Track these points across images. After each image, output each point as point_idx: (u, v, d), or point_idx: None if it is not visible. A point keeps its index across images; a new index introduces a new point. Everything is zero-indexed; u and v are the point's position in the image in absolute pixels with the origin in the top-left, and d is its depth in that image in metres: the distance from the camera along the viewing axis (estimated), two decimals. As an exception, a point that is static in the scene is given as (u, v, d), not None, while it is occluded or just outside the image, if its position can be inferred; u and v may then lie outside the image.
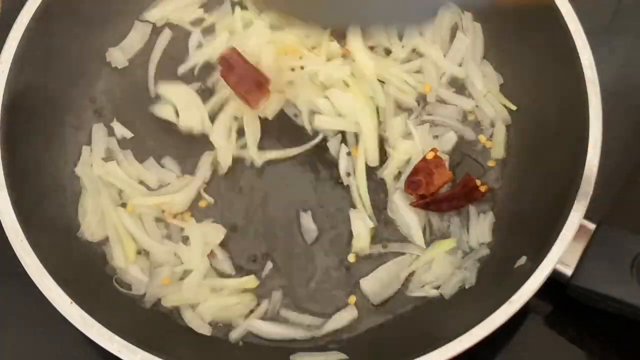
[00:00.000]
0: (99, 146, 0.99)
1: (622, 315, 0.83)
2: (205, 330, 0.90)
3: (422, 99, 1.01)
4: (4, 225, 0.83)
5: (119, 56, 1.03)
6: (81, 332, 0.78)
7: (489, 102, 1.00)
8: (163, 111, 1.00)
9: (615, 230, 0.84)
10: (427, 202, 0.93)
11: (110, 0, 1.02)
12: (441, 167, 0.93)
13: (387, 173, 0.96)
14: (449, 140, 0.99)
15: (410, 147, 0.96)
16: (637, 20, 1.12)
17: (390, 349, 0.87)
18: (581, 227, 0.81)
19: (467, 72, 1.02)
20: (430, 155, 0.94)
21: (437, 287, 0.91)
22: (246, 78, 0.95)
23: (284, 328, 0.90)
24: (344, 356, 0.87)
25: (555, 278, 0.81)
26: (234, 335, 0.89)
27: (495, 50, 1.03)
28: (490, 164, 0.98)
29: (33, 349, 0.94)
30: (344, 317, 0.90)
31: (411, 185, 0.93)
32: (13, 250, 0.82)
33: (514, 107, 0.99)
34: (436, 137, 0.99)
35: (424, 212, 0.94)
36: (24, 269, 0.81)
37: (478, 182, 0.94)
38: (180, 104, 0.99)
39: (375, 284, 0.91)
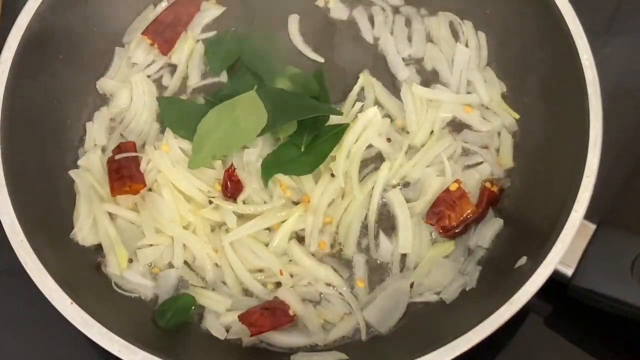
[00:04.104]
0: (99, 141, 1.00)
1: (622, 315, 0.83)
2: (220, 335, 0.90)
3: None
4: (4, 225, 0.83)
5: (108, 84, 1.03)
6: (81, 332, 0.78)
7: (493, 111, 1.00)
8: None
9: (615, 230, 0.84)
10: (457, 232, 0.92)
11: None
12: (464, 199, 0.92)
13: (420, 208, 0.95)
14: (483, 171, 0.97)
15: (442, 182, 0.95)
16: (637, 20, 1.12)
17: (390, 349, 0.87)
18: (581, 227, 0.81)
19: (472, 83, 1.02)
20: (453, 187, 0.93)
21: (438, 293, 0.91)
22: None
23: (293, 337, 0.89)
24: (344, 356, 0.87)
25: (555, 278, 0.81)
26: (247, 341, 0.89)
27: (497, 57, 1.04)
28: (498, 174, 0.98)
29: (33, 349, 0.94)
30: (347, 325, 0.90)
31: (433, 216, 0.92)
32: (13, 250, 0.82)
33: (517, 116, 0.99)
34: (468, 167, 0.97)
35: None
36: (24, 269, 0.81)
37: (495, 188, 0.94)
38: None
39: (379, 314, 0.90)
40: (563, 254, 0.80)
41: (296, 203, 0.95)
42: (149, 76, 1.04)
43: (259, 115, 0.92)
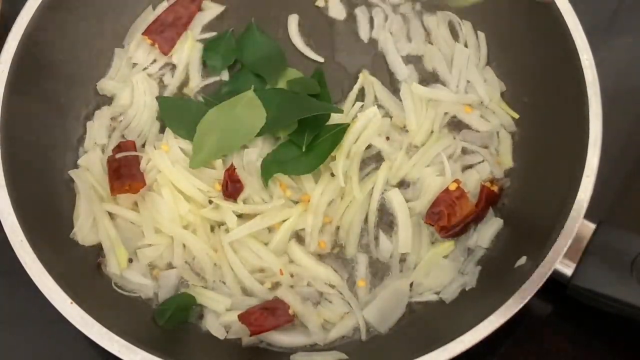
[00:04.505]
0: (99, 140, 0.99)
1: (622, 315, 0.83)
2: (220, 334, 0.90)
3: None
4: (4, 225, 0.83)
5: (109, 85, 1.03)
6: (81, 332, 0.78)
7: (492, 111, 1.01)
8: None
9: (615, 230, 0.84)
10: (457, 232, 0.92)
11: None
12: (464, 199, 0.92)
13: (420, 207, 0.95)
14: (483, 170, 0.97)
15: (442, 182, 0.95)
16: (637, 20, 1.12)
17: (390, 349, 0.87)
18: (581, 227, 0.81)
19: (471, 83, 1.02)
20: (452, 187, 0.93)
21: (438, 292, 0.91)
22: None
23: (292, 336, 0.90)
24: (343, 356, 0.87)
25: (555, 278, 0.81)
26: (246, 341, 0.89)
27: (497, 57, 1.04)
28: (497, 174, 0.98)
29: (33, 349, 0.94)
30: (347, 324, 0.90)
31: (432, 216, 0.92)
32: (13, 250, 0.82)
33: (516, 116, 1.00)
34: (468, 167, 0.98)
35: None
36: (24, 269, 0.81)
37: (495, 187, 0.95)
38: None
39: (378, 313, 0.90)
40: (563, 254, 0.80)
41: (296, 203, 0.95)
42: (150, 76, 1.04)
43: (258, 113, 0.92)
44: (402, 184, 0.97)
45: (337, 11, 1.08)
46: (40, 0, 0.93)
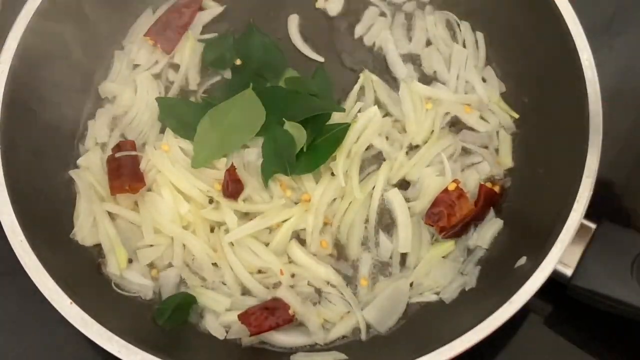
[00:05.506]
0: (100, 138, 1.00)
1: (622, 315, 0.83)
2: (220, 335, 0.90)
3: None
4: (4, 225, 0.83)
5: (110, 87, 1.03)
6: (81, 332, 0.78)
7: (492, 111, 1.01)
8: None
9: (615, 230, 0.84)
10: (457, 232, 0.93)
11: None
12: (463, 199, 0.92)
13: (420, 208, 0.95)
14: (483, 170, 0.98)
15: (442, 182, 0.95)
16: (637, 20, 1.12)
17: (390, 349, 0.87)
18: (581, 227, 0.82)
19: (470, 83, 1.02)
20: (452, 187, 0.93)
21: (437, 293, 0.91)
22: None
23: (293, 336, 0.90)
24: (343, 356, 0.87)
25: (555, 278, 0.81)
26: (246, 341, 0.89)
27: (497, 57, 1.04)
28: (497, 174, 0.98)
29: (33, 349, 0.94)
30: (347, 324, 0.90)
31: (432, 217, 0.92)
32: (13, 251, 0.82)
33: (516, 115, 1.00)
34: (468, 166, 0.98)
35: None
36: (24, 269, 0.81)
37: (496, 187, 0.95)
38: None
39: (378, 313, 0.90)
40: (563, 254, 0.80)
41: (297, 203, 0.95)
42: (152, 76, 1.04)
43: (258, 112, 0.93)
44: (402, 184, 0.97)
45: (337, 11, 1.08)
46: (40, 1, 0.93)
